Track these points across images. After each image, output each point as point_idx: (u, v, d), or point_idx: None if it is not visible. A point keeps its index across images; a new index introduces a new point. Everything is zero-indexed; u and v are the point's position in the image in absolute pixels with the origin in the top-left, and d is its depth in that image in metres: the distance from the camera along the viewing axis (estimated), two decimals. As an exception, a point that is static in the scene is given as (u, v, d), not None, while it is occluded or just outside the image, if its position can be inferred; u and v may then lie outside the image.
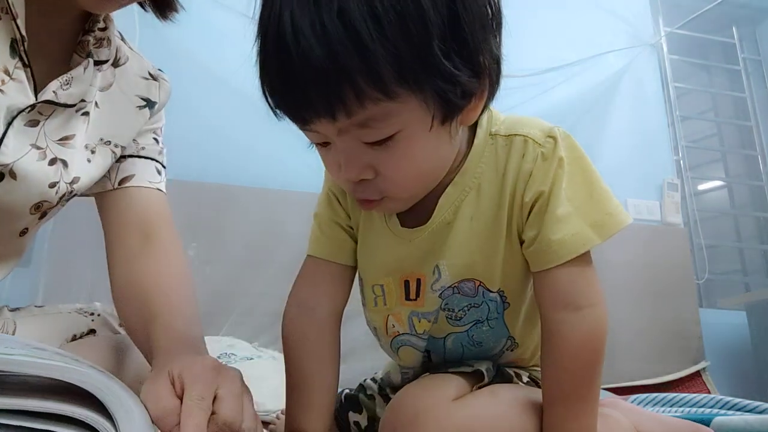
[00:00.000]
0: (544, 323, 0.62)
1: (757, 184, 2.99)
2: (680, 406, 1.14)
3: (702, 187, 3.03)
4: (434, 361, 0.74)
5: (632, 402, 1.16)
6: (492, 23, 0.56)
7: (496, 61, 0.57)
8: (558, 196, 0.60)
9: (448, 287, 0.67)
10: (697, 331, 2.44)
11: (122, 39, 0.80)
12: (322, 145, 0.60)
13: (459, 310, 0.68)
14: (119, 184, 0.81)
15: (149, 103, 0.82)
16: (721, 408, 1.08)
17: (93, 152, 0.76)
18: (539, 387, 0.69)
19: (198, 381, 0.52)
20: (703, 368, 2.36)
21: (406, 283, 0.69)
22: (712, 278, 2.70)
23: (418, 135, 0.56)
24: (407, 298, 0.70)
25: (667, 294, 2.45)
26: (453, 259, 0.66)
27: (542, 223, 0.61)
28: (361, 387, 0.86)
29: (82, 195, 0.79)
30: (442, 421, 0.59)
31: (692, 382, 2.32)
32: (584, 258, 0.61)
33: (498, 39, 0.58)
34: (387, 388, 0.83)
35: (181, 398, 0.50)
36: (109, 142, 0.78)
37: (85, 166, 0.74)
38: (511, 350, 0.73)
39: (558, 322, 0.60)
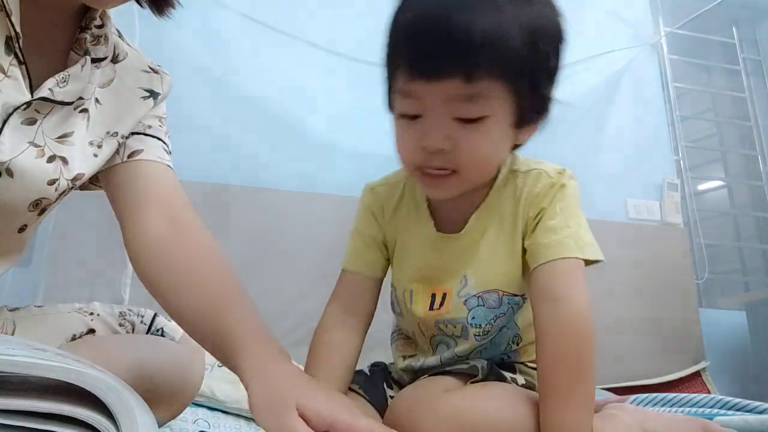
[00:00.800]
0: (534, 319, 0.68)
1: (757, 184, 2.99)
2: (680, 406, 1.14)
3: (702, 187, 3.03)
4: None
5: (632, 402, 1.16)
6: (558, 71, 0.70)
7: (550, 105, 0.71)
8: (554, 209, 0.71)
9: (473, 296, 0.74)
10: (697, 331, 2.44)
11: (120, 36, 0.81)
12: (411, 117, 0.67)
13: (486, 324, 0.75)
14: (128, 157, 0.79)
15: (153, 94, 0.82)
16: (721, 408, 1.08)
17: (100, 147, 0.76)
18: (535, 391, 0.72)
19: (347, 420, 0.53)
20: (703, 368, 2.36)
21: (433, 296, 0.77)
22: (712, 278, 2.70)
23: (499, 125, 0.67)
24: (431, 308, 0.76)
25: (667, 294, 2.45)
26: (478, 270, 0.74)
27: (537, 231, 0.71)
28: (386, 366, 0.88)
29: (90, 182, 0.79)
30: (437, 408, 0.64)
31: (692, 382, 2.33)
32: (570, 262, 0.68)
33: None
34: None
35: None
36: (116, 133, 0.78)
37: (91, 162, 0.74)
38: (516, 343, 0.79)
39: (541, 314, 0.67)
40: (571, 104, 2.41)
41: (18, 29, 0.63)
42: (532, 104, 0.68)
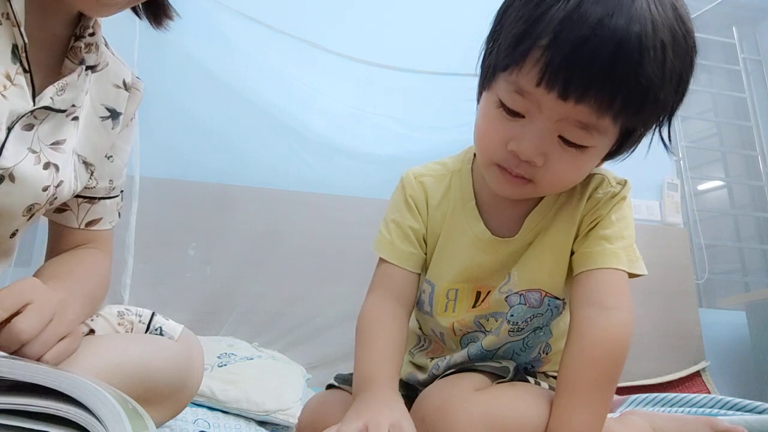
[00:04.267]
0: (572, 321, 0.67)
1: (757, 184, 2.99)
2: (680, 406, 1.14)
3: (702, 187, 3.03)
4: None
5: (632, 402, 1.16)
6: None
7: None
8: (610, 219, 0.71)
9: (515, 293, 0.73)
10: (697, 331, 2.44)
11: (106, 45, 0.81)
12: (513, 114, 0.63)
13: (522, 322, 0.74)
14: (86, 226, 0.83)
15: (113, 114, 0.82)
16: (721, 408, 1.08)
17: (72, 155, 0.76)
18: None
19: None
20: (703, 368, 2.36)
21: (478, 294, 0.76)
22: (712, 278, 2.70)
23: (595, 156, 0.66)
24: (474, 306, 0.76)
25: (667, 294, 2.45)
26: (525, 269, 0.73)
27: (591, 237, 0.71)
28: None
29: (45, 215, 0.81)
30: (467, 407, 0.63)
31: (692, 382, 2.32)
32: (619, 273, 0.68)
33: None
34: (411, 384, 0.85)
35: None
36: (75, 152, 0.78)
37: (67, 170, 0.75)
38: (546, 353, 0.79)
39: (585, 317, 0.66)
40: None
41: (26, 38, 0.64)
42: (632, 145, 0.68)
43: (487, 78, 0.66)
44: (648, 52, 0.56)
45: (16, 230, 0.74)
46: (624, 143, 0.66)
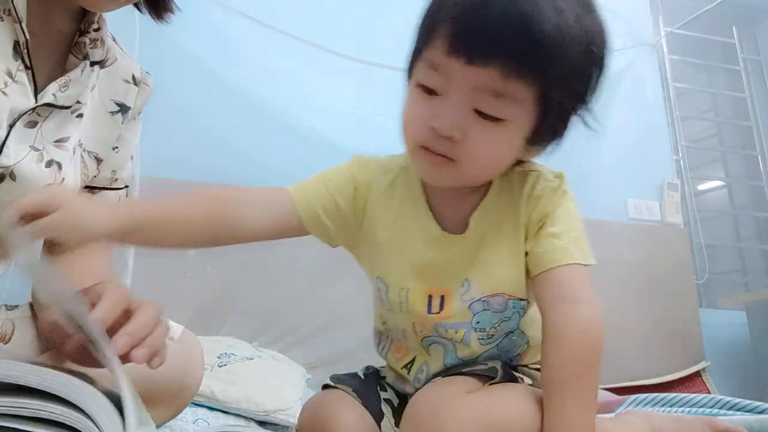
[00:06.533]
0: (545, 319, 0.67)
1: (757, 184, 2.99)
2: (680, 406, 1.14)
3: (702, 187, 3.03)
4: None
5: (632, 402, 1.16)
6: (590, 101, 0.69)
7: (567, 131, 0.70)
8: (559, 216, 0.70)
9: (478, 300, 0.72)
10: (697, 331, 2.44)
11: (114, 40, 0.81)
12: (429, 91, 0.64)
13: (490, 328, 0.73)
14: None
15: (123, 108, 0.82)
16: (721, 408, 1.08)
17: (74, 153, 0.76)
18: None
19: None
20: (703, 368, 2.36)
21: (430, 298, 0.73)
22: (712, 278, 2.70)
23: (514, 133, 0.65)
24: (429, 312, 0.73)
25: (667, 294, 2.45)
26: (482, 274, 0.72)
27: (541, 236, 0.70)
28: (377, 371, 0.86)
29: None
30: (460, 410, 0.63)
31: (692, 382, 2.32)
32: (575, 267, 0.68)
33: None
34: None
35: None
36: (84, 148, 0.78)
37: (69, 167, 0.74)
38: (524, 351, 0.79)
39: (557, 313, 0.66)
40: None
41: (27, 35, 0.63)
42: (553, 124, 0.66)
43: (410, 68, 0.68)
44: (543, 11, 0.58)
45: None
46: (544, 121, 0.65)
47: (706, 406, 1.10)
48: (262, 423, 1.38)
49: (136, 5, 0.74)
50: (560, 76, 0.62)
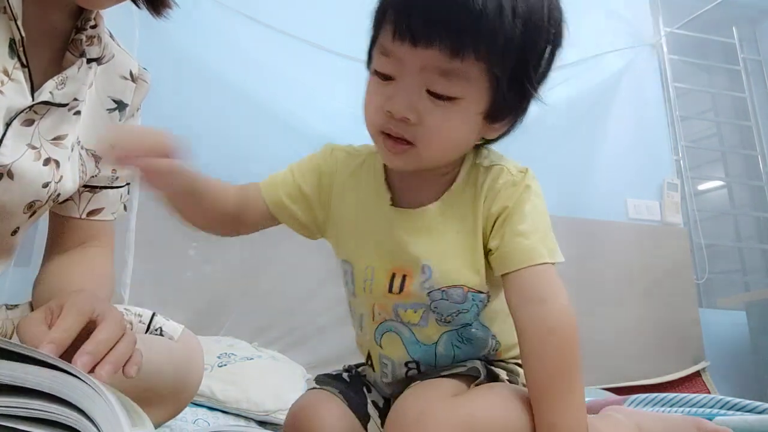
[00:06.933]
0: (516, 322, 0.67)
1: (757, 184, 2.99)
2: (680, 406, 1.14)
3: (702, 187, 3.03)
4: (424, 371, 0.77)
5: (631, 402, 1.16)
6: (546, 73, 0.68)
7: (528, 105, 0.69)
8: (522, 213, 0.69)
9: (437, 289, 0.71)
10: (697, 331, 2.44)
11: (111, 36, 0.80)
12: (385, 77, 0.66)
13: (447, 315, 0.73)
14: (87, 215, 0.82)
15: (120, 105, 0.82)
16: (721, 408, 1.08)
17: (72, 150, 0.76)
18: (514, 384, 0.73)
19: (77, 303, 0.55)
20: (703, 368, 2.36)
21: (392, 276, 0.74)
22: (712, 278, 2.70)
23: (469, 111, 0.65)
24: (390, 291, 0.74)
25: (667, 294, 2.45)
26: (441, 264, 0.71)
27: (507, 234, 0.69)
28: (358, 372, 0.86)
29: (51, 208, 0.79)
30: (444, 415, 0.62)
31: (692, 382, 2.32)
32: (544, 266, 0.68)
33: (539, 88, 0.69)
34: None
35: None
36: (83, 146, 0.77)
37: (67, 165, 0.74)
38: (496, 350, 0.78)
39: (526, 316, 0.66)
40: (571, 104, 2.41)
41: (23, 33, 0.63)
42: (508, 98, 0.66)
43: (369, 59, 0.70)
44: None
45: (17, 228, 0.73)
46: (496, 96, 0.65)
47: (706, 406, 1.10)
48: (262, 423, 1.38)
49: (134, 1, 0.74)
50: (504, 51, 0.62)
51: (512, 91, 0.66)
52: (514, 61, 0.64)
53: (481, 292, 0.72)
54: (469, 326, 0.74)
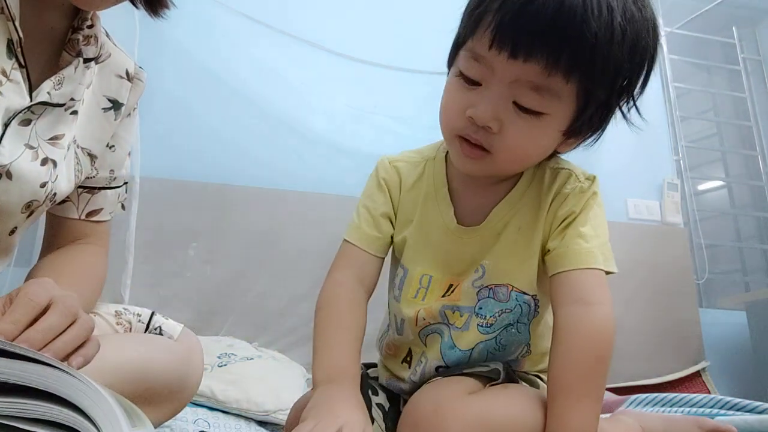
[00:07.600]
0: (556, 320, 0.67)
1: (757, 184, 2.99)
2: (680, 406, 1.14)
3: (702, 187, 3.02)
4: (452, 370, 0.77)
5: (632, 402, 1.16)
6: (640, 95, 0.69)
7: (608, 125, 0.70)
8: (586, 217, 0.71)
9: (486, 287, 0.73)
10: (697, 331, 2.44)
11: (107, 35, 0.81)
12: (470, 83, 0.65)
13: (491, 316, 0.74)
14: (86, 216, 0.82)
15: (115, 105, 0.82)
16: (721, 408, 1.08)
17: (68, 150, 0.76)
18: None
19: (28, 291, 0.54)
20: (703, 368, 2.36)
21: (450, 286, 0.75)
22: (712, 278, 2.70)
23: (552, 126, 0.65)
24: (443, 295, 0.75)
25: (667, 294, 2.44)
26: (497, 263, 0.72)
27: (568, 235, 0.69)
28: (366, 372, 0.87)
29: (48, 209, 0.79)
30: (460, 411, 0.62)
31: (692, 382, 2.32)
32: (597, 272, 0.68)
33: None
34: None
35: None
36: (78, 145, 0.77)
37: (63, 165, 0.74)
38: (524, 356, 0.78)
39: (569, 315, 0.66)
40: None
41: (21, 33, 0.63)
42: (591, 119, 0.66)
43: (451, 56, 0.69)
44: (592, 9, 0.58)
45: (15, 228, 0.74)
46: (582, 115, 0.65)
47: (706, 406, 1.10)
48: (262, 423, 1.37)
49: (132, 2, 0.74)
50: (604, 74, 0.61)
51: (599, 112, 0.66)
52: (612, 83, 0.63)
53: (526, 293, 0.73)
54: (510, 327, 0.75)
